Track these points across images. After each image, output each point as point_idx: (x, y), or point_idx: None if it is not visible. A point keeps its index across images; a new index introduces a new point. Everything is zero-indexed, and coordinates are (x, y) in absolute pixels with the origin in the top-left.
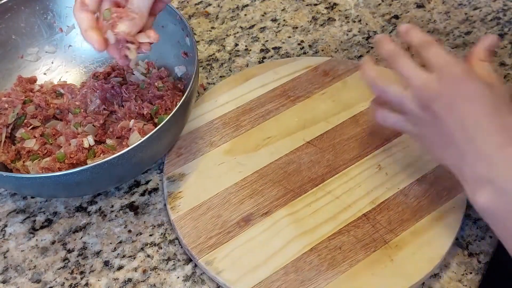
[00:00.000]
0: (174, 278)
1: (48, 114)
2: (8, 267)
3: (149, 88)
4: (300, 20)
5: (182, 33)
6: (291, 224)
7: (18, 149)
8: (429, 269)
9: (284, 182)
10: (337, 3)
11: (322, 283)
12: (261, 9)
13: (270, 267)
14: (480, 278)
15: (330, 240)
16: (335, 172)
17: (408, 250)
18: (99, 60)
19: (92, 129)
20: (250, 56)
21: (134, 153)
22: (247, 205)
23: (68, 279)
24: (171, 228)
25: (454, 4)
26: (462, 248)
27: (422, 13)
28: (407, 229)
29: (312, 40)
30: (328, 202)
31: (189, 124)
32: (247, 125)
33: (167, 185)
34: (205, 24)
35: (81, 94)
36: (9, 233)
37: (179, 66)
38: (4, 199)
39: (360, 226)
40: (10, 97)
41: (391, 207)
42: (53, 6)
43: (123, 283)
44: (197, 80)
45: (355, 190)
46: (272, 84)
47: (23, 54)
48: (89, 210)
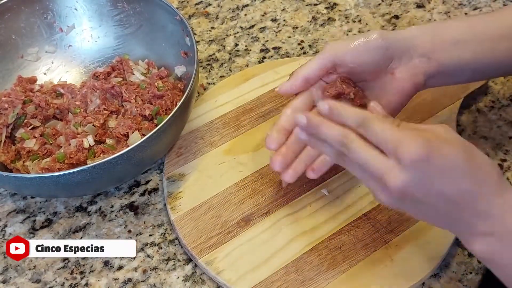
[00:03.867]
0: (174, 278)
1: (48, 114)
2: (8, 267)
3: (149, 88)
4: (300, 20)
5: (182, 33)
6: (291, 224)
7: (18, 149)
8: (429, 269)
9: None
10: (337, 3)
11: (323, 283)
12: (261, 9)
13: (271, 267)
14: (480, 278)
15: (330, 240)
16: (335, 172)
17: (408, 250)
18: (99, 60)
19: (92, 129)
20: (250, 56)
21: (134, 153)
22: (247, 205)
23: (68, 279)
24: (171, 228)
25: (454, 4)
26: (462, 248)
27: (422, 13)
28: (407, 229)
29: (312, 40)
30: (328, 202)
31: (189, 124)
32: (247, 125)
33: (167, 185)
34: (205, 24)
35: (81, 94)
36: (9, 233)
37: (179, 66)
38: (4, 199)
39: (360, 226)
40: (10, 97)
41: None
42: (53, 6)
43: (123, 283)
44: (197, 80)
45: (355, 190)
46: (272, 84)
47: (23, 54)
48: (89, 210)
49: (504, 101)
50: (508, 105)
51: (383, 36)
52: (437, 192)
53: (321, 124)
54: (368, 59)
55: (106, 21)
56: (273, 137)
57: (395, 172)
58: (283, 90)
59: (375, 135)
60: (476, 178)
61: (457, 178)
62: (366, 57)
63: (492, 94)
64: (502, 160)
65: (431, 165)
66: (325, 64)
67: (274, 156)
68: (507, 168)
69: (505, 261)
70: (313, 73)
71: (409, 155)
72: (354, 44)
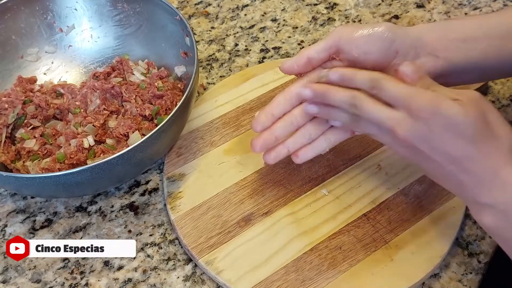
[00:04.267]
0: (174, 278)
1: (48, 114)
2: (8, 267)
3: (149, 88)
4: (300, 20)
5: (182, 33)
6: (292, 224)
7: (18, 149)
8: (429, 269)
9: (285, 182)
10: (337, 3)
11: (323, 282)
12: (261, 9)
13: (271, 267)
14: (480, 278)
15: (331, 240)
16: (335, 172)
17: (408, 250)
18: (99, 60)
19: (92, 129)
20: (250, 56)
21: (134, 153)
22: (248, 205)
23: (68, 279)
24: (171, 228)
25: (454, 4)
26: (462, 248)
27: (422, 13)
28: (407, 229)
29: (312, 40)
30: (328, 202)
31: (189, 124)
32: (247, 125)
33: (167, 185)
34: (205, 24)
35: (81, 94)
36: (9, 233)
37: (179, 66)
38: (4, 199)
39: (360, 226)
40: (10, 97)
41: (391, 207)
42: (53, 6)
43: (123, 283)
44: (197, 80)
45: (355, 190)
46: (272, 84)
47: (23, 54)
48: (89, 210)
49: (504, 101)
50: (508, 105)
51: (391, 29)
52: (443, 149)
53: (328, 90)
54: (372, 49)
55: (106, 21)
56: (260, 120)
57: (403, 123)
58: (285, 67)
59: (388, 91)
60: (483, 145)
61: (461, 139)
62: (370, 47)
63: (492, 94)
64: None
65: (437, 121)
66: (330, 47)
67: (255, 138)
68: None
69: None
70: (316, 54)
71: (418, 107)
72: (361, 31)
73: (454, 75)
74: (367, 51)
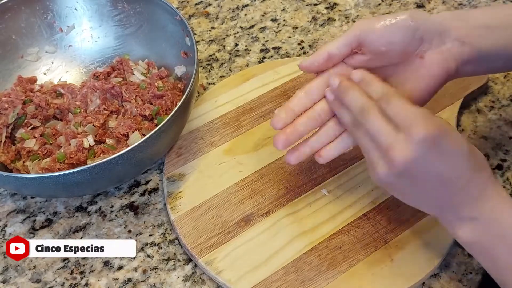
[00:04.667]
0: (174, 278)
1: (48, 114)
2: (8, 267)
3: (149, 88)
4: (300, 20)
5: (182, 33)
6: (291, 224)
7: (18, 149)
8: (429, 269)
9: (284, 182)
10: (337, 3)
11: (323, 283)
12: (261, 9)
13: (270, 267)
14: (480, 278)
15: (330, 240)
16: (335, 172)
17: (408, 250)
18: (99, 60)
19: (92, 129)
20: (250, 56)
21: (134, 153)
22: (247, 205)
23: (68, 279)
24: (171, 228)
25: (454, 4)
26: (462, 248)
27: None
28: (407, 229)
29: (312, 40)
30: (328, 202)
31: (189, 124)
32: (247, 125)
33: (167, 185)
34: (205, 24)
35: (81, 94)
36: (9, 233)
37: (179, 66)
38: (4, 199)
39: (360, 226)
40: (10, 97)
41: (391, 207)
42: (53, 6)
43: (123, 283)
44: (197, 80)
45: (355, 190)
46: (272, 84)
47: (23, 54)
48: (89, 210)
49: (504, 101)
50: (508, 105)
51: (413, 16)
52: (436, 172)
53: (350, 89)
54: (396, 39)
55: (106, 21)
56: (280, 117)
57: (403, 145)
58: (305, 65)
59: (393, 108)
60: (475, 167)
61: (458, 162)
62: (394, 37)
63: (492, 94)
64: (502, 160)
65: (438, 146)
66: (351, 41)
67: (278, 135)
68: (507, 168)
69: (487, 246)
70: (337, 50)
71: (422, 132)
72: (382, 22)
73: (481, 63)
74: (391, 41)
